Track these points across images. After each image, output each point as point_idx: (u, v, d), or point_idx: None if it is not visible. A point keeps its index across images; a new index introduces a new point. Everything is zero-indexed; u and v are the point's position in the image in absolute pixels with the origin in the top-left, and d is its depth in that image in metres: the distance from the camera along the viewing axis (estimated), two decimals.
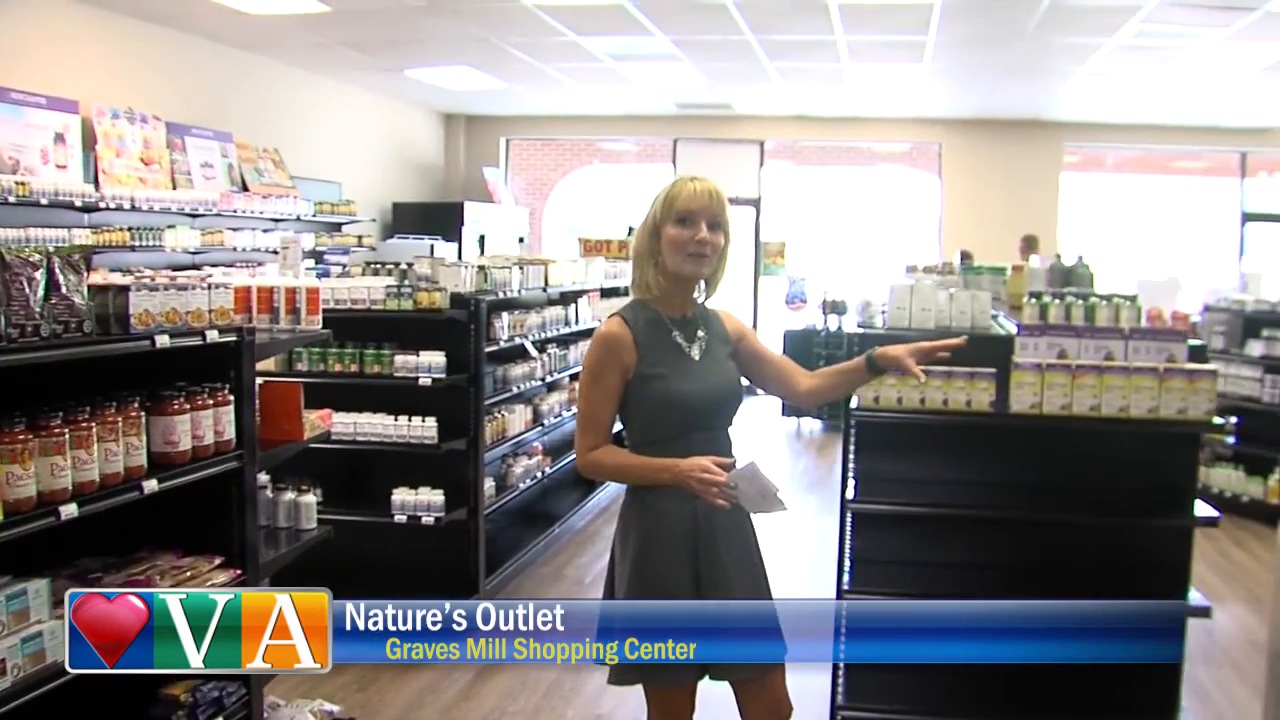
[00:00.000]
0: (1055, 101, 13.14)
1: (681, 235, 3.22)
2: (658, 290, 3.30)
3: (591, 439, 3.26)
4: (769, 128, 15.45)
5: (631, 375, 3.25)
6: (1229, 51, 9.72)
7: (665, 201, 3.25)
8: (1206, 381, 3.97)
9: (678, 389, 3.23)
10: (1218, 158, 15.60)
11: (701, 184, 3.27)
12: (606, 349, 3.25)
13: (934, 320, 4.53)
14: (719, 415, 3.34)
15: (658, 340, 3.27)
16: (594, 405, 3.26)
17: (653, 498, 3.22)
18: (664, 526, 3.21)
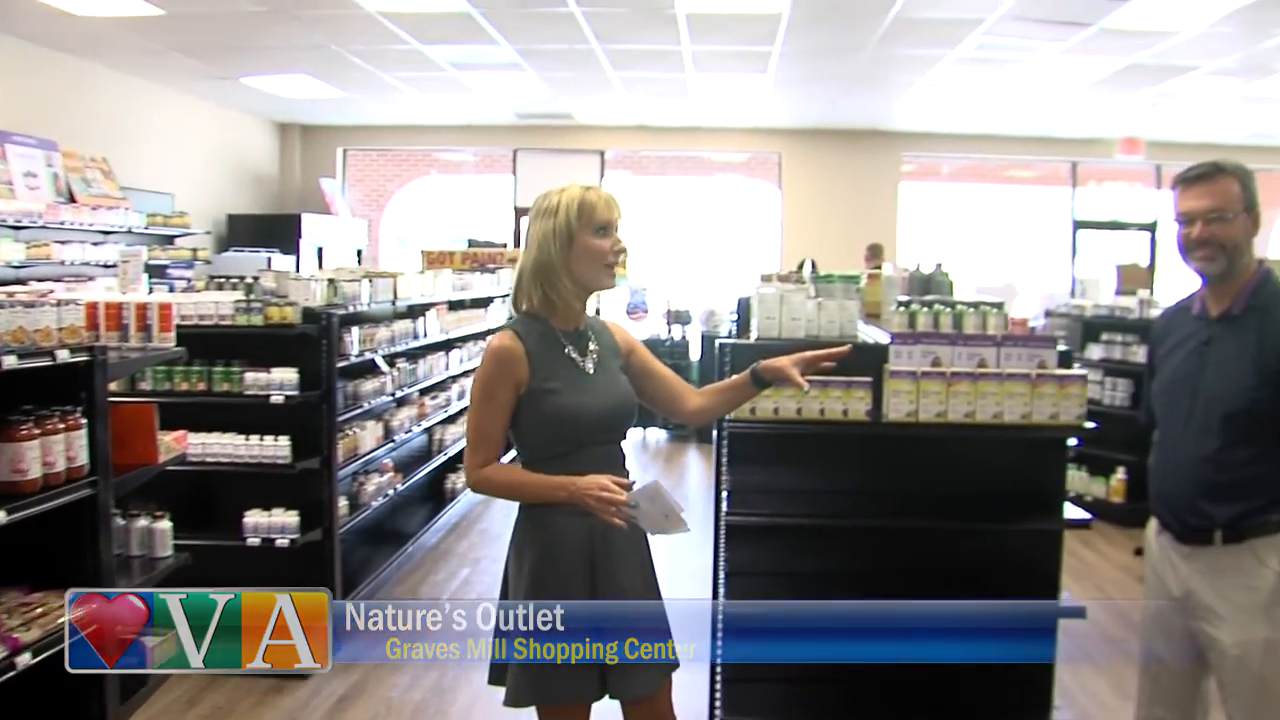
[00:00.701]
0: (894, 112, 13.37)
1: (601, 246, 3.16)
2: (560, 303, 3.20)
3: (482, 456, 3.16)
4: (610, 138, 15.39)
5: (524, 390, 3.15)
6: (1064, 65, 9.99)
7: (579, 212, 3.16)
8: (1077, 386, 4.01)
9: (572, 404, 3.15)
10: (1049, 167, 16.07)
11: (605, 193, 3.23)
12: (498, 364, 3.14)
13: (804, 330, 4.49)
14: (613, 430, 3.27)
15: (550, 354, 3.19)
16: (485, 422, 3.16)
17: (547, 516, 3.14)
18: (559, 545, 3.13)
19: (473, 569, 7.69)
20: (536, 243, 3.19)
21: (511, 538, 3.27)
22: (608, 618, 3.10)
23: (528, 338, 3.18)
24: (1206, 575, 3.44)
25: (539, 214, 3.21)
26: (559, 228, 3.15)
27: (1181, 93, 11.26)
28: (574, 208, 3.16)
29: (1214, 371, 3.45)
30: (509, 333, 3.20)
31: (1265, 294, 3.44)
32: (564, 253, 3.15)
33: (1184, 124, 13.44)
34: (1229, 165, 3.46)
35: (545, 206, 3.20)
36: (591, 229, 3.16)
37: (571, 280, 3.18)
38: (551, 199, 3.21)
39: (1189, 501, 3.46)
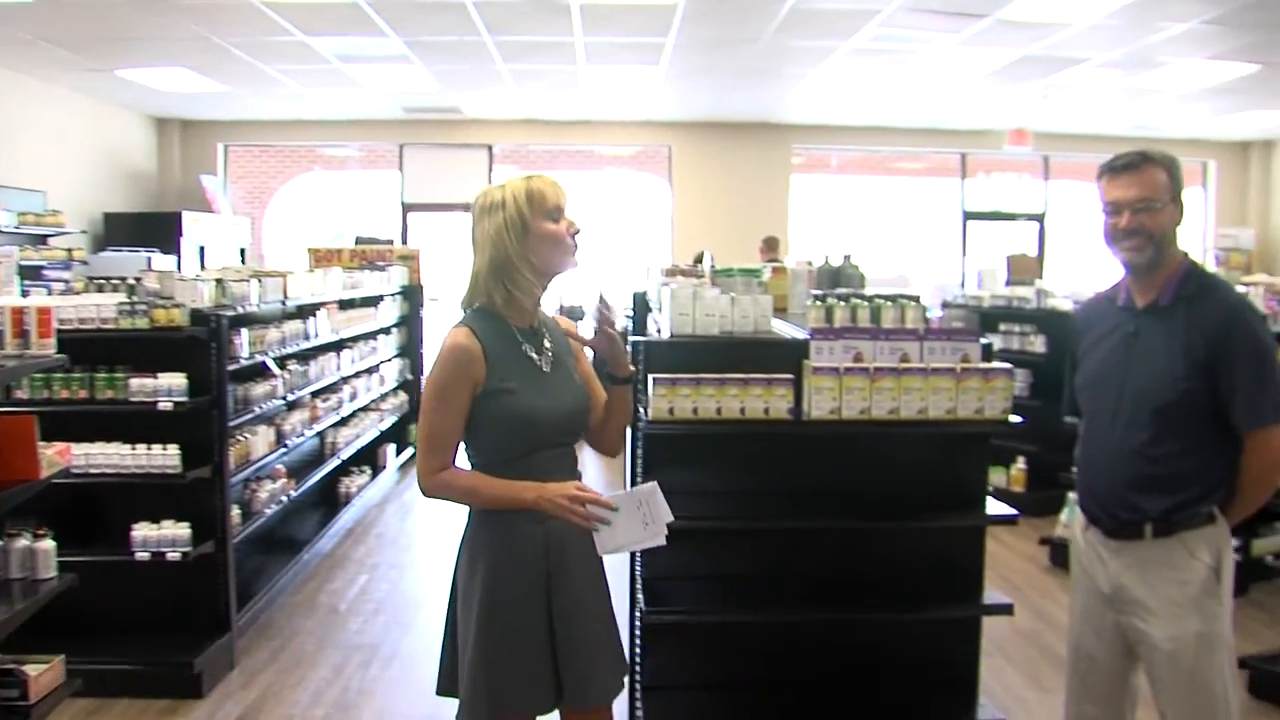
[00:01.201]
0: (785, 104, 13.34)
1: (558, 229, 3.07)
2: (521, 298, 3.09)
3: (438, 460, 3.04)
4: (498, 132, 15.15)
5: (480, 390, 3.02)
6: (959, 57, 10.02)
7: (529, 199, 3.07)
8: (1002, 380, 3.92)
9: (530, 405, 3.04)
10: (937, 159, 16.20)
11: (549, 179, 3.13)
12: (455, 363, 3.01)
13: (718, 326, 4.35)
14: (570, 432, 3.18)
15: (507, 352, 3.07)
16: (441, 424, 3.04)
17: (504, 522, 3.05)
18: (516, 551, 3.05)
19: (371, 575, 7.45)
20: (490, 240, 3.06)
21: (462, 544, 3.17)
22: (568, 625, 3.07)
23: (484, 335, 3.05)
24: (1137, 570, 3.39)
25: (484, 211, 3.09)
26: (510, 220, 3.05)
27: (1071, 84, 11.36)
28: (522, 197, 3.07)
29: (1143, 364, 3.39)
30: (464, 330, 3.06)
31: (1192, 284, 3.39)
32: (521, 244, 3.05)
33: (1071, 116, 13.62)
34: (1156, 154, 3.40)
35: (489, 203, 3.09)
36: (544, 214, 3.08)
37: (532, 270, 3.08)
38: (494, 195, 3.10)
39: (1119, 495, 3.42)
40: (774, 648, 4.34)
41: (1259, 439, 3.31)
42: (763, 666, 4.36)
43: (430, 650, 5.99)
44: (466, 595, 3.10)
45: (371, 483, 9.52)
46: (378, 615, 6.63)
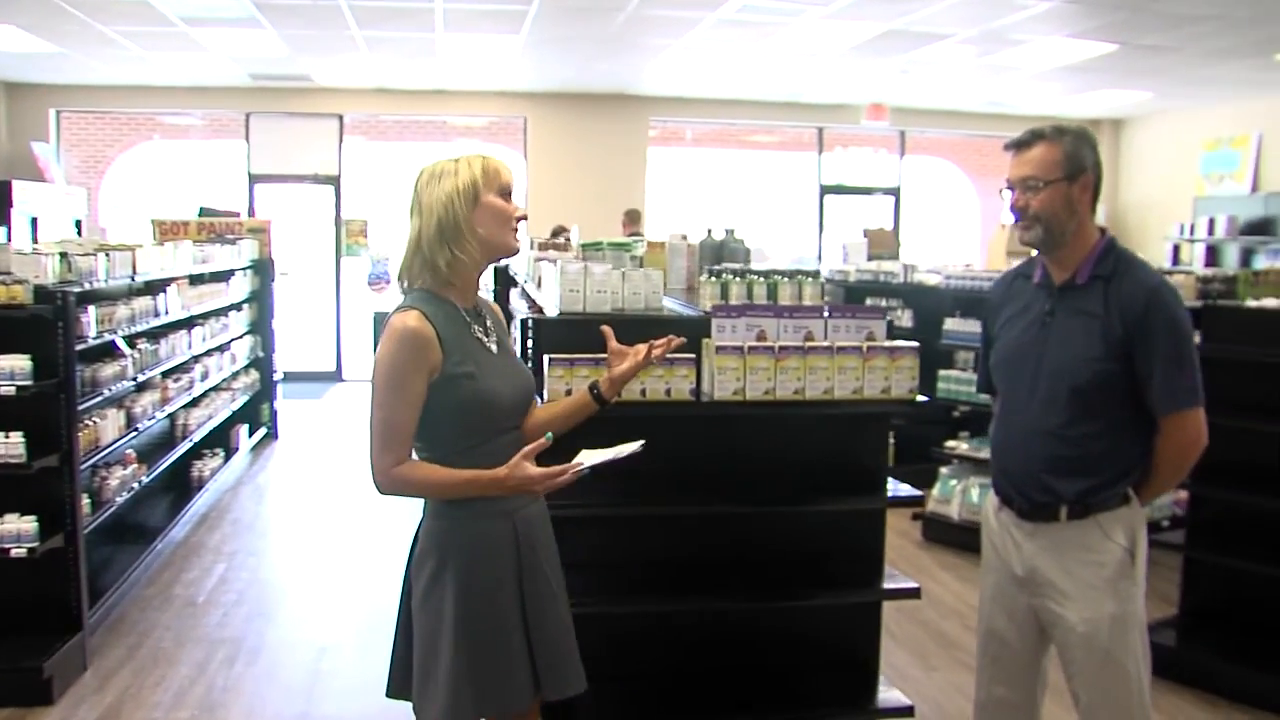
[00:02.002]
0: (643, 75, 13.18)
1: (508, 208, 2.94)
2: (465, 272, 2.94)
3: (394, 454, 2.84)
4: (349, 101, 14.71)
5: (437, 376, 2.83)
6: (825, 30, 9.96)
7: (484, 171, 2.93)
8: (908, 359, 3.80)
9: (489, 388, 2.91)
10: (792, 133, 16.23)
11: (502, 160, 3.00)
12: (412, 348, 2.80)
13: (609, 303, 4.16)
14: (522, 414, 3.07)
15: (459, 334, 2.91)
16: (398, 414, 2.83)
17: (471, 516, 2.92)
18: (488, 548, 2.93)
19: (228, 564, 7.09)
20: (440, 204, 2.90)
21: (421, 542, 3.01)
22: (541, 615, 2.99)
23: (435, 318, 2.85)
24: (1051, 552, 3.33)
25: (434, 177, 2.94)
26: (464, 186, 2.90)
27: (931, 60, 11.41)
28: (477, 167, 2.94)
29: (1059, 343, 3.31)
30: (415, 313, 2.83)
31: (1109, 263, 3.31)
32: (469, 211, 2.90)
33: (927, 91, 13.72)
34: (1051, 131, 3.31)
35: (440, 169, 2.95)
36: (496, 189, 2.94)
37: (478, 242, 2.91)
38: (444, 164, 2.96)
39: (1034, 477, 3.34)
40: (677, 635, 4.17)
41: (1175, 422, 3.25)
42: (665, 654, 4.19)
43: (298, 643, 5.80)
44: (431, 596, 2.93)
45: (224, 466, 9.11)
46: (239, 606, 6.30)
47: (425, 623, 2.94)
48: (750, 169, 17.57)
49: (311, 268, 15.22)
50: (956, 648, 5.75)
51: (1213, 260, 13.26)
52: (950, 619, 6.21)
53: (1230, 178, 13.75)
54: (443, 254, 2.89)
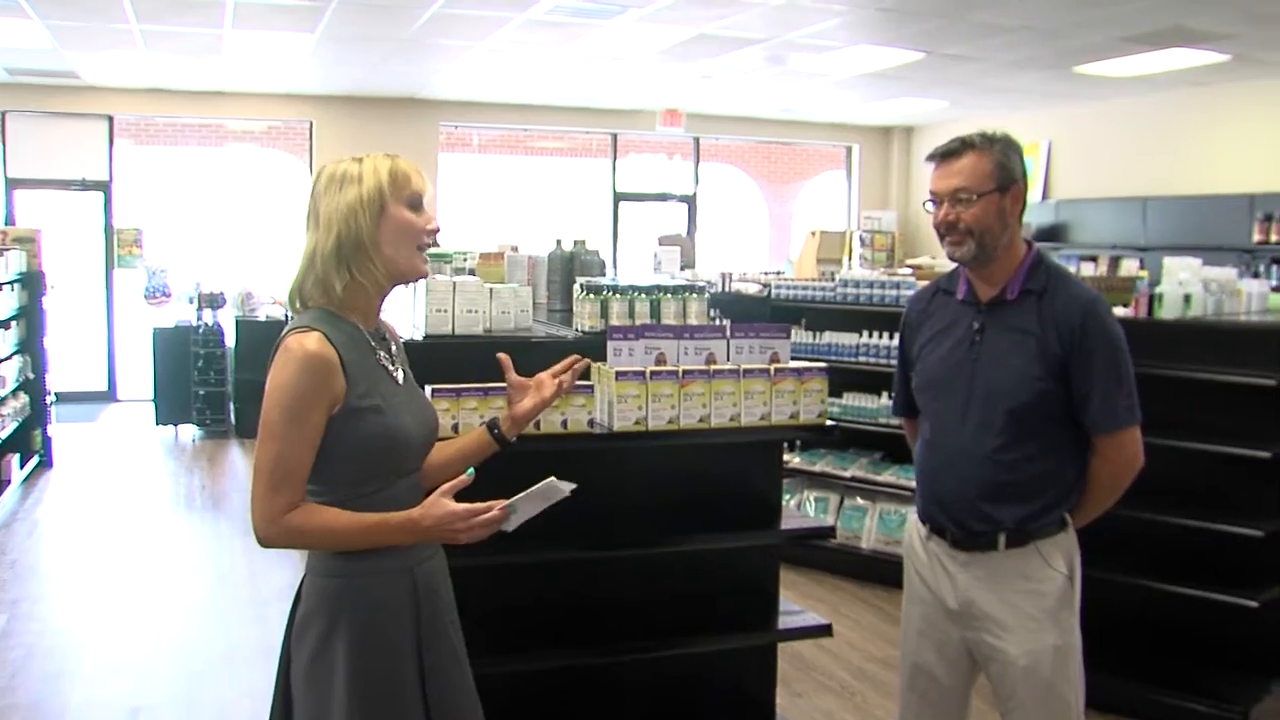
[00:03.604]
0: (435, 79, 12.71)
1: (416, 222, 2.51)
2: (366, 293, 2.53)
3: (287, 497, 2.39)
4: (120, 101, 13.69)
5: (339, 408, 2.43)
6: (637, 33, 9.71)
7: (391, 178, 2.50)
8: (818, 381, 3.55)
9: (397, 424, 2.51)
10: (582, 139, 16.01)
11: (413, 163, 2.58)
12: (311, 375, 2.39)
13: (481, 324, 3.79)
14: (422, 455, 2.65)
15: (364, 361, 2.51)
16: (295, 451, 2.40)
17: (366, 570, 2.49)
18: (384, 605, 2.52)
19: (11, 614, 6.35)
20: (340, 216, 2.48)
21: (304, 603, 2.56)
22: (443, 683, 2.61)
23: (338, 341, 2.45)
24: (988, 583, 3.13)
25: (334, 182, 2.51)
26: (368, 195, 2.48)
27: (734, 65, 11.30)
28: (384, 174, 2.50)
29: (992, 363, 3.11)
30: (316, 335, 2.41)
31: (1040, 277, 3.14)
32: (375, 226, 2.48)
33: (721, 97, 13.67)
34: (978, 139, 3.11)
35: (341, 174, 2.51)
36: (405, 199, 2.51)
37: (382, 263, 2.50)
38: (348, 167, 2.53)
39: (969, 504, 3.13)
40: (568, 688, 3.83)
41: (1113, 442, 3.11)
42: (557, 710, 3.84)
43: (108, 704, 5.19)
44: (317, 665, 2.50)
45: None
46: (30, 663, 5.62)
47: (309, 698, 2.51)
48: (539, 176, 17.27)
49: (80, 280, 14.22)
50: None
51: None
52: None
53: None
54: (340, 276, 2.49)
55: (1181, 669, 5.06)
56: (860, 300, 7.36)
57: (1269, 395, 4.86)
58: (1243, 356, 4.95)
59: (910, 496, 6.97)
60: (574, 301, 4.20)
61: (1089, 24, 8.82)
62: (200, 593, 6.73)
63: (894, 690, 5.34)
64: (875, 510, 7.18)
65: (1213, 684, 4.97)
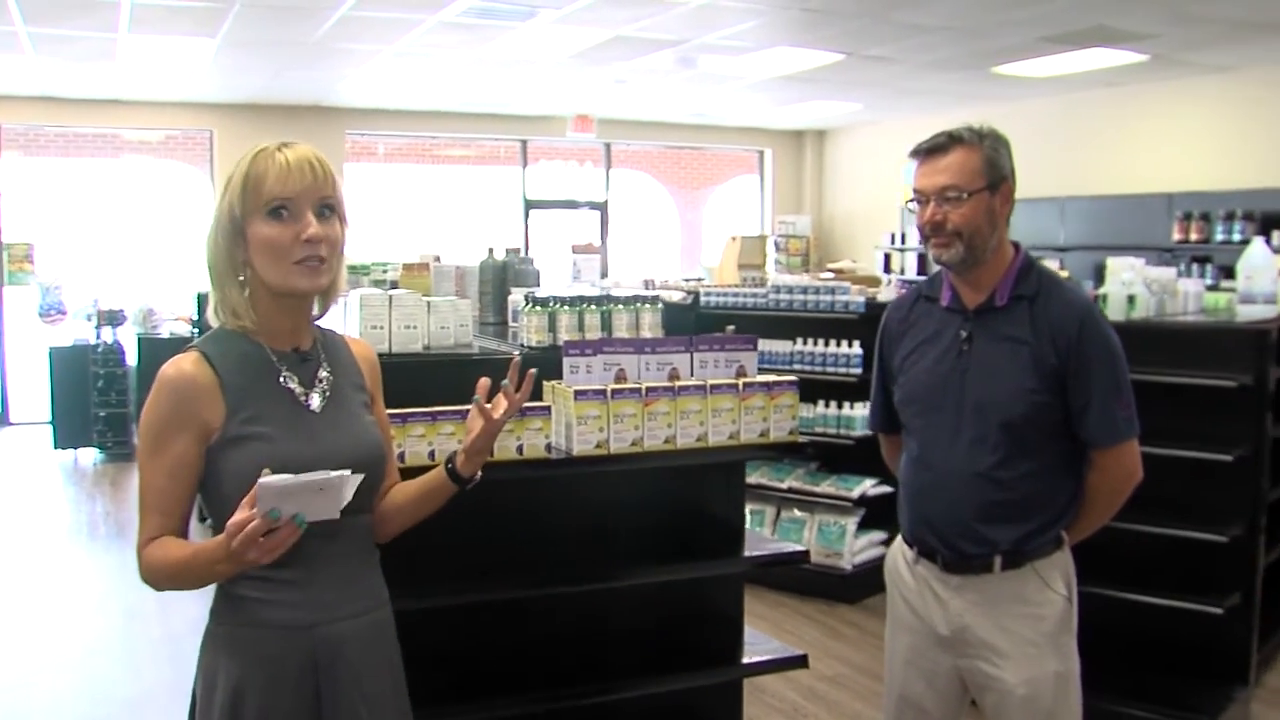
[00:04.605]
0: (340, 86, 12.36)
1: (281, 236, 2.13)
2: (252, 315, 2.19)
3: (148, 531, 2.13)
4: (7, 110, 13.09)
5: (216, 437, 2.14)
6: (552, 35, 9.44)
7: (244, 186, 2.13)
8: (789, 395, 3.32)
9: (288, 453, 2.12)
10: (489, 147, 15.73)
11: (295, 152, 2.17)
12: (171, 399, 2.13)
13: (420, 341, 3.51)
14: (360, 494, 2.18)
15: (256, 384, 2.20)
16: (154, 483, 2.14)
17: (246, 616, 2.17)
18: (269, 661, 2.16)
19: None
20: (208, 235, 2.22)
21: (200, 657, 2.26)
22: None
23: (222, 361, 2.18)
24: (984, 607, 2.93)
25: (222, 191, 2.21)
26: (223, 214, 2.17)
27: (649, 69, 11.10)
28: (237, 182, 2.16)
29: (983, 374, 2.91)
30: (191, 355, 2.17)
31: (1031, 281, 2.95)
32: (231, 250, 2.18)
33: (634, 102, 13.49)
34: (966, 133, 2.90)
35: (228, 178, 2.20)
36: (263, 211, 2.15)
37: (260, 286, 2.20)
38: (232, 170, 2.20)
39: (963, 526, 2.93)
40: None
41: (1112, 455, 2.94)
42: None
43: None
44: (202, 715, 2.21)
45: None
46: None
47: None
48: (447, 184, 16.92)
49: None
50: None
51: (924, 269, 13.55)
52: None
53: None
54: (217, 300, 2.23)
55: (1145, 678, 4.91)
56: (794, 307, 7.17)
57: (1230, 397, 4.75)
58: (1202, 358, 4.84)
59: (850, 508, 6.89)
60: (516, 314, 3.95)
61: (1013, 23, 8.75)
62: (106, 631, 6.31)
63: (847, 710, 5.19)
64: (814, 522, 6.98)
65: (1177, 693, 4.84)
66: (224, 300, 2.20)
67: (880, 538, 6.98)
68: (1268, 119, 10.52)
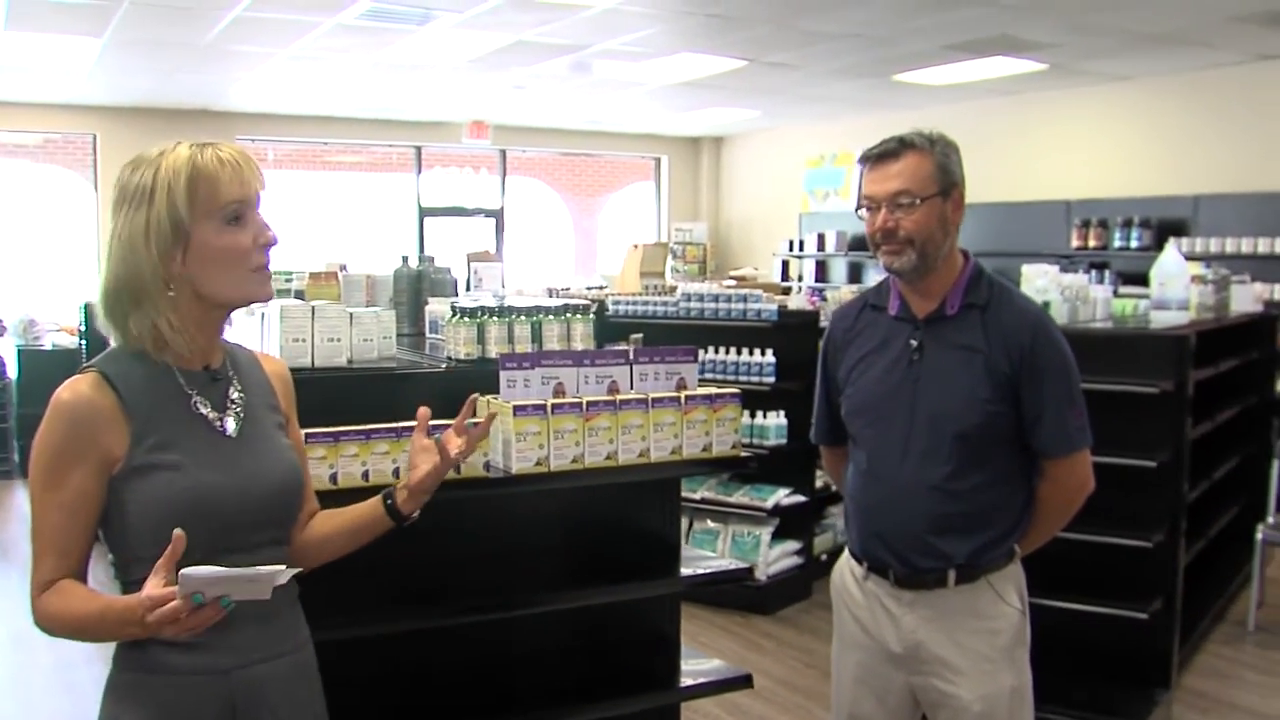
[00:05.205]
0: (231, 90, 12.02)
1: (240, 242, 1.97)
2: (179, 335, 1.98)
3: (44, 574, 1.93)
4: None
5: (120, 467, 1.93)
6: (452, 40, 9.26)
7: (190, 189, 1.94)
8: (731, 409, 3.21)
9: (200, 483, 1.96)
10: (383, 153, 15.45)
11: (230, 150, 2.01)
12: (69, 427, 1.92)
13: (344, 354, 3.35)
14: (273, 525, 2.08)
15: (164, 408, 2.00)
16: (49, 520, 1.93)
17: (154, 670, 1.96)
18: (179, 715, 1.97)
19: None
20: (125, 247, 1.97)
21: (102, 700, 2.03)
22: None
23: (124, 383, 1.96)
24: (938, 623, 2.87)
25: (123, 198, 1.98)
26: (158, 222, 1.95)
27: (549, 74, 10.97)
28: (180, 185, 1.94)
29: (935, 384, 2.85)
30: (89, 377, 1.96)
31: (982, 290, 2.90)
32: (168, 259, 1.96)
33: (529, 109, 13.36)
34: (917, 139, 2.86)
35: (133, 186, 1.98)
36: (218, 216, 1.97)
37: (197, 300, 2.00)
38: (143, 172, 1.98)
39: (916, 539, 2.86)
40: None
41: (1065, 465, 2.90)
42: None
43: None
44: None
45: None
46: None
47: None
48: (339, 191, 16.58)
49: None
50: None
51: (822, 275, 13.62)
52: None
53: (835, 194, 14.12)
54: (141, 320, 1.98)
55: (1068, 684, 4.91)
56: (705, 315, 7.10)
57: (1151, 403, 4.76)
58: (1121, 365, 4.86)
59: (764, 518, 6.83)
60: (436, 325, 3.83)
61: (918, 31, 8.77)
62: None
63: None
64: (728, 533, 6.91)
65: (1100, 698, 4.86)
66: (143, 319, 1.97)
67: (795, 547, 6.94)
68: (1164, 127, 10.72)
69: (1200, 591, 5.76)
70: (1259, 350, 6.81)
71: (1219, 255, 9.30)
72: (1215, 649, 5.97)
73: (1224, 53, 9.54)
